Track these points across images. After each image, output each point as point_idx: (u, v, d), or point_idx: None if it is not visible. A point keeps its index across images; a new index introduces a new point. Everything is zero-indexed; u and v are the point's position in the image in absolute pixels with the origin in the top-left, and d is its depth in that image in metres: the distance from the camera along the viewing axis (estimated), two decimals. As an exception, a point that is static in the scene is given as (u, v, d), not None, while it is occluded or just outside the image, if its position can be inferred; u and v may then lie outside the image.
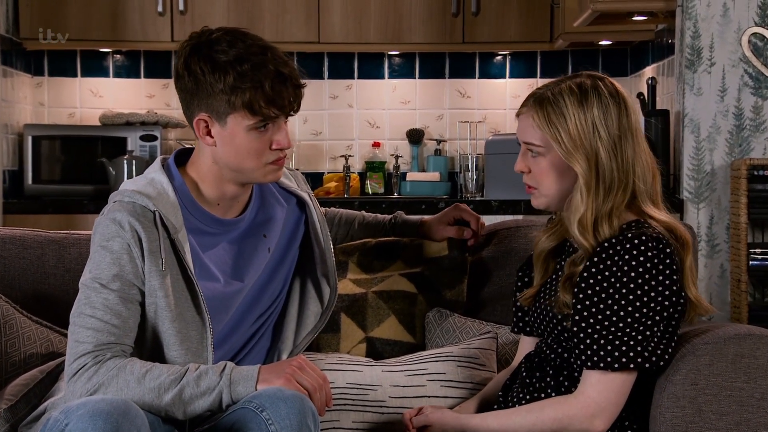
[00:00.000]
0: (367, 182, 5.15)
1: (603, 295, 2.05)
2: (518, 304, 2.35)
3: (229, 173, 2.22)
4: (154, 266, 2.14)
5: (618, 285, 2.04)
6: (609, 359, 2.03)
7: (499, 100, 5.19)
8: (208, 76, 2.14)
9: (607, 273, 2.05)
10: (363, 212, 2.75)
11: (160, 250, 2.15)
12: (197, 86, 2.16)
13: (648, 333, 2.04)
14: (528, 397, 2.18)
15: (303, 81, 2.20)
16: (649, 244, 2.04)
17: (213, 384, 2.06)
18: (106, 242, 2.15)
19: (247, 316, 2.32)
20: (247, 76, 2.13)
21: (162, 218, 2.16)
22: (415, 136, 5.17)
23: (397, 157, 5.15)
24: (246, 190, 2.30)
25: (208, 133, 2.20)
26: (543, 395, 2.16)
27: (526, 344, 2.35)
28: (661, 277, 2.04)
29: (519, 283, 2.37)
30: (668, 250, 2.06)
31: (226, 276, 2.27)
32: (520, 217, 4.27)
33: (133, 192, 2.18)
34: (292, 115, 2.22)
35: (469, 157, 4.91)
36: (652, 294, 2.04)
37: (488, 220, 4.33)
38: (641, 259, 2.04)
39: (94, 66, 5.12)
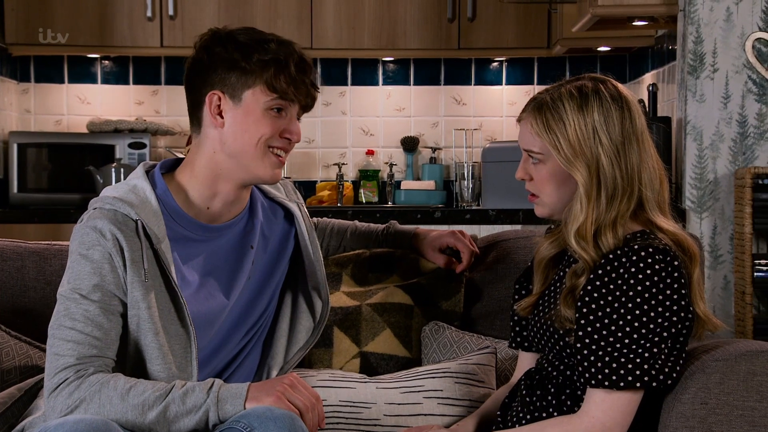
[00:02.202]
0: (361, 191, 5.13)
1: (608, 310, 1.99)
2: (516, 317, 2.31)
3: (228, 164, 2.18)
4: (136, 277, 2.09)
5: (623, 299, 1.98)
6: (614, 377, 1.97)
7: (495, 107, 5.17)
8: (231, 53, 2.16)
9: (611, 287, 1.99)
10: (355, 222, 2.72)
11: (143, 260, 2.10)
12: (215, 62, 2.17)
13: (655, 350, 1.98)
14: (528, 416, 2.13)
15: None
16: (656, 257, 1.98)
17: (200, 402, 2.00)
18: (86, 251, 2.09)
19: (235, 332, 2.28)
20: (273, 52, 2.15)
21: (144, 227, 2.11)
22: (409, 144, 5.14)
23: (391, 165, 5.13)
24: (238, 199, 2.24)
25: (219, 113, 2.17)
26: (544, 414, 2.11)
27: (526, 360, 2.32)
28: (668, 292, 1.98)
29: (516, 296, 2.33)
30: (676, 263, 2.00)
31: (209, 289, 2.22)
32: (518, 227, 4.24)
33: (114, 199, 2.13)
34: (302, 114, 2.23)
35: (465, 165, 4.89)
36: (659, 309, 1.98)
37: (485, 230, 4.33)
38: (648, 272, 1.98)
39: (82, 72, 5.09)
